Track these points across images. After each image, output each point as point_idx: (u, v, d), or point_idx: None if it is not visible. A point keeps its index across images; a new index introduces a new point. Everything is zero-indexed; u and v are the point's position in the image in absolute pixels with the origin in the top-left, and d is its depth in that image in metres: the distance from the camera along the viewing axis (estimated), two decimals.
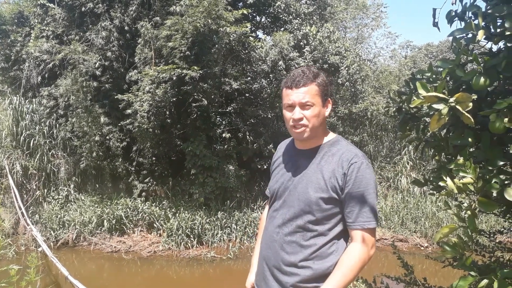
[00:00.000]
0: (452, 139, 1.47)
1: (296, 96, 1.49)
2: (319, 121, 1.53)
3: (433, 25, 1.81)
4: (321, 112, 1.53)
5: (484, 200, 1.25)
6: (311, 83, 1.50)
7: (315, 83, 1.51)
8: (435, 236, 1.32)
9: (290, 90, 1.51)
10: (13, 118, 9.30)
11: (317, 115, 1.51)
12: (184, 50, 7.99)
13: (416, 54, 20.68)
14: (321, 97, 1.52)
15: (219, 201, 8.91)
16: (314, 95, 1.50)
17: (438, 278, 6.58)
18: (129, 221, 8.65)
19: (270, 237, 1.60)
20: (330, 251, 1.48)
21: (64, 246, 8.19)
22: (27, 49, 9.55)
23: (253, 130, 9.74)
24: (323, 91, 1.53)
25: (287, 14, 10.94)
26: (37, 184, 9.09)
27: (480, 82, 1.30)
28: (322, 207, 1.47)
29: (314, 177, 1.50)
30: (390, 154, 11.86)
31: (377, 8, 17.73)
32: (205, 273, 7.41)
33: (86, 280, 5.48)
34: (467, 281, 1.24)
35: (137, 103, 8.23)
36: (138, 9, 9.02)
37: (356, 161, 1.45)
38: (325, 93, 1.54)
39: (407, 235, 8.77)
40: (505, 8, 1.30)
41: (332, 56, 10.44)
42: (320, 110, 1.52)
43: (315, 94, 1.50)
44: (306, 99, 1.49)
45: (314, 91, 1.50)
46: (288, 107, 1.53)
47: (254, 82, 9.84)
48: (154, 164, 9.36)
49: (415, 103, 1.39)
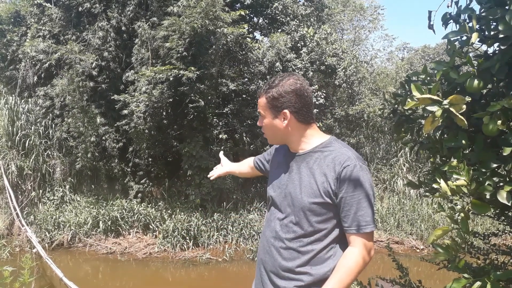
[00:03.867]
0: (446, 141, 1.47)
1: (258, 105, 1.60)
2: (276, 132, 1.56)
3: (428, 27, 1.81)
4: (273, 123, 1.54)
5: (477, 202, 1.25)
6: (262, 96, 1.55)
7: (265, 95, 1.54)
8: (429, 238, 1.32)
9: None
10: (9, 118, 9.26)
11: (268, 127, 1.56)
12: (181, 51, 7.98)
13: (413, 56, 20.79)
14: (270, 110, 1.53)
15: (215, 203, 8.89)
16: (263, 107, 1.55)
17: (433, 281, 6.59)
18: (125, 223, 8.62)
19: (267, 242, 1.59)
20: (327, 256, 1.47)
21: (59, 247, 8.15)
22: (23, 49, 9.52)
23: (250, 132, 9.74)
24: (273, 103, 1.52)
25: (285, 15, 10.96)
26: (32, 184, 9.04)
27: (474, 85, 1.30)
28: (316, 212, 1.45)
29: (306, 182, 1.48)
30: (386, 156, 11.89)
31: (374, 10, 17.83)
32: (200, 275, 7.39)
33: (81, 282, 5.46)
34: (460, 283, 1.23)
35: (134, 104, 8.21)
36: (135, 9, 9.01)
37: (349, 164, 1.42)
38: (275, 105, 1.52)
39: (403, 237, 8.79)
40: (499, 11, 1.30)
41: (329, 58, 10.48)
42: (270, 122, 1.55)
43: (263, 106, 1.55)
44: (259, 109, 1.57)
45: (263, 103, 1.55)
46: None
47: (251, 83, 9.85)
48: (150, 165, 9.34)
49: (409, 105, 1.38)
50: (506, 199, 1.22)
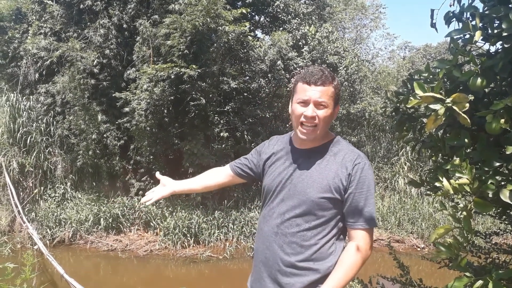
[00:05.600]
0: (449, 140, 1.47)
1: (314, 93, 1.47)
2: (328, 124, 1.53)
3: (431, 26, 1.81)
4: (332, 115, 1.52)
5: (479, 201, 1.25)
6: (329, 84, 1.48)
7: (332, 85, 1.49)
8: (431, 237, 1.32)
9: (308, 86, 1.48)
10: (10, 115, 9.27)
11: (328, 117, 1.50)
12: (182, 49, 7.97)
13: (414, 55, 20.71)
14: (334, 100, 1.51)
15: (216, 201, 8.90)
16: (330, 97, 1.49)
17: (434, 279, 6.58)
18: (126, 220, 8.63)
19: (267, 238, 1.57)
20: (330, 251, 1.48)
21: (60, 244, 8.16)
22: (24, 46, 9.52)
23: (251, 130, 9.73)
24: (338, 94, 1.52)
25: (286, 13, 10.94)
26: (34, 181, 9.06)
27: (477, 83, 1.30)
28: (323, 207, 1.46)
29: (316, 177, 1.49)
30: (387, 155, 11.87)
31: (376, 9, 17.79)
32: (201, 273, 7.41)
33: (82, 279, 5.47)
34: (462, 282, 1.23)
35: (135, 101, 8.21)
36: (137, 7, 8.99)
37: (360, 162, 1.46)
38: (338, 97, 1.54)
39: (404, 236, 8.79)
40: (502, 9, 1.30)
41: (330, 56, 10.45)
42: (331, 112, 1.51)
43: (331, 96, 1.49)
44: (322, 98, 1.47)
45: (331, 92, 1.49)
46: (301, 103, 1.50)
47: (253, 82, 9.83)
48: (152, 163, 9.33)
49: (412, 103, 1.38)
50: (509, 198, 1.22)
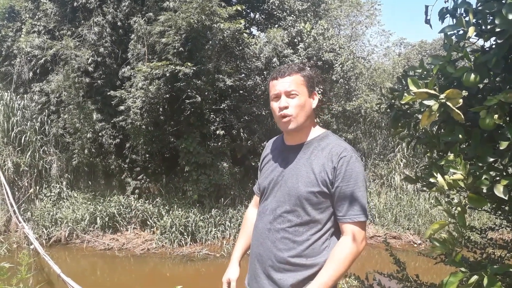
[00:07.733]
0: (443, 136, 1.47)
1: (282, 85, 1.49)
2: (306, 112, 1.53)
3: (425, 22, 1.81)
4: (306, 102, 1.52)
5: (474, 196, 1.25)
6: (295, 73, 1.51)
7: (300, 74, 1.51)
8: (426, 232, 1.33)
9: (276, 81, 1.52)
10: (4, 114, 9.20)
11: (302, 105, 1.51)
12: (177, 46, 7.94)
13: (410, 51, 20.74)
14: (307, 87, 1.52)
15: (212, 199, 8.89)
16: (299, 85, 1.50)
17: (430, 275, 6.63)
18: (122, 219, 8.61)
19: (261, 235, 1.58)
20: (323, 247, 1.49)
21: (56, 244, 8.13)
22: (18, 44, 9.43)
23: (247, 127, 9.72)
24: (309, 81, 1.53)
25: (281, 11, 10.92)
26: (29, 181, 9.01)
27: (471, 79, 1.30)
28: (313, 201, 1.47)
29: (304, 172, 1.50)
30: (383, 151, 11.92)
31: (371, 5, 17.78)
32: (198, 271, 7.41)
33: (78, 278, 5.45)
34: (457, 277, 1.24)
35: (130, 100, 8.17)
36: (131, 4, 8.94)
37: (346, 155, 1.46)
38: (311, 84, 1.54)
39: (400, 232, 8.83)
40: (495, 5, 1.30)
41: (326, 53, 10.45)
42: (305, 100, 1.52)
43: (300, 83, 1.51)
44: (291, 87, 1.49)
45: (300, 80, 1.51)
46: (275, 98, 1.53)
47: (248, 79, 9.81)
48: (148, 161, 9.31)
49: (406, 100, 1.38)
50: (503, 193, 1.22)
